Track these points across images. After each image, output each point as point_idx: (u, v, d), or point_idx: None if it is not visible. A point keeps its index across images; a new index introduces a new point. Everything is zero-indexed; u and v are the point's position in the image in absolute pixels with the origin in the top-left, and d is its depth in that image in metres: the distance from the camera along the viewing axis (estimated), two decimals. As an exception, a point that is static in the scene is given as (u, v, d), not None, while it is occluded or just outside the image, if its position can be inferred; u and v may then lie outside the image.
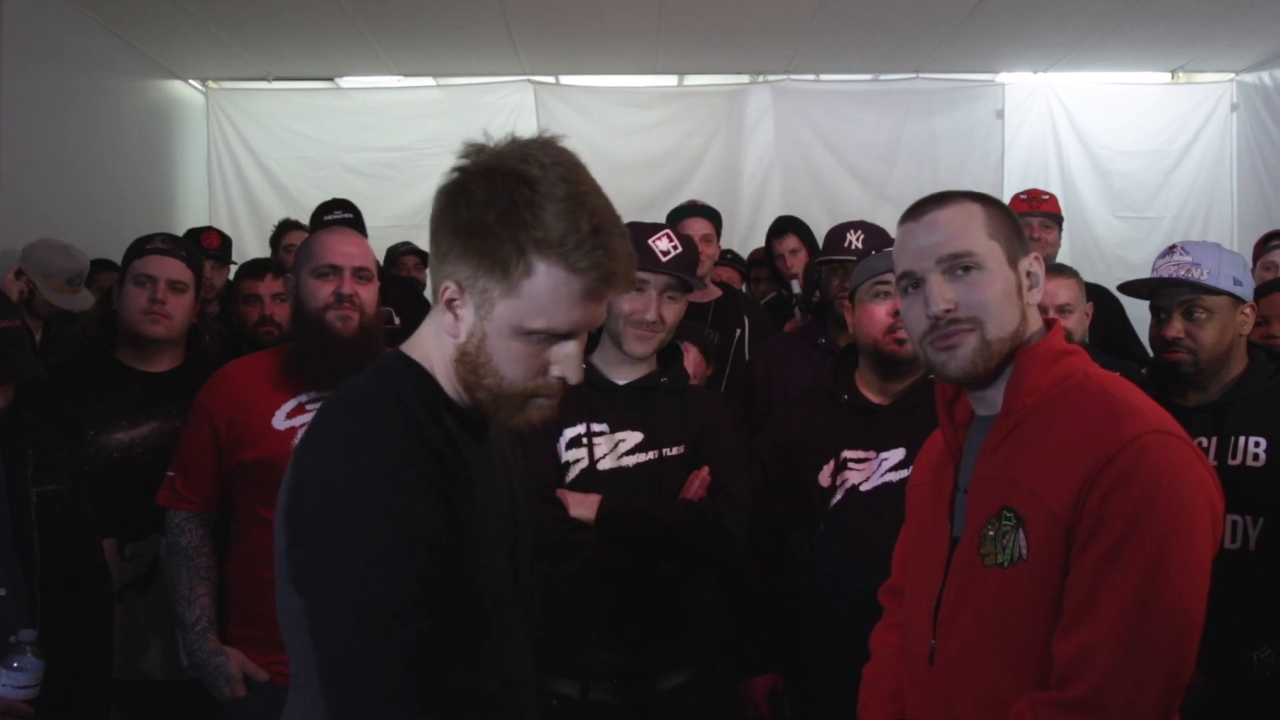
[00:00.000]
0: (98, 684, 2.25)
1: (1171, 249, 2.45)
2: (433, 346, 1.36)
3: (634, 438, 2.27)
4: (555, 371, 1.32)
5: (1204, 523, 1.32)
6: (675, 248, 2.26)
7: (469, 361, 1.31)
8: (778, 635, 2.40)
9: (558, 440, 2.26)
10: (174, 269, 2.67)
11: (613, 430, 2.27)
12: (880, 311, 2.30)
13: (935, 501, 1.58)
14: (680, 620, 2.24)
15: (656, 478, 2.24)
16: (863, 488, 2.28)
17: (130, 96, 5.33)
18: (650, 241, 2.25)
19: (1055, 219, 3.87)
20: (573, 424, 2.27)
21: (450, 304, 1.31)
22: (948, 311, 1.45)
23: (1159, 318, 2.43)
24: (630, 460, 2.26)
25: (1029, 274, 1.49)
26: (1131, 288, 2.56)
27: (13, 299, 3.26)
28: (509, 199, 1.28)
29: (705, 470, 2.25)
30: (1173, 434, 1.34)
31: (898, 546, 1.76)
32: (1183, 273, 2.36)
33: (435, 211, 1.38)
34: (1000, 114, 5.95)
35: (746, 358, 3.54)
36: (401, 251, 4.98)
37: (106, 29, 4.95)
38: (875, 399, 2.35)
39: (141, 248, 2.73)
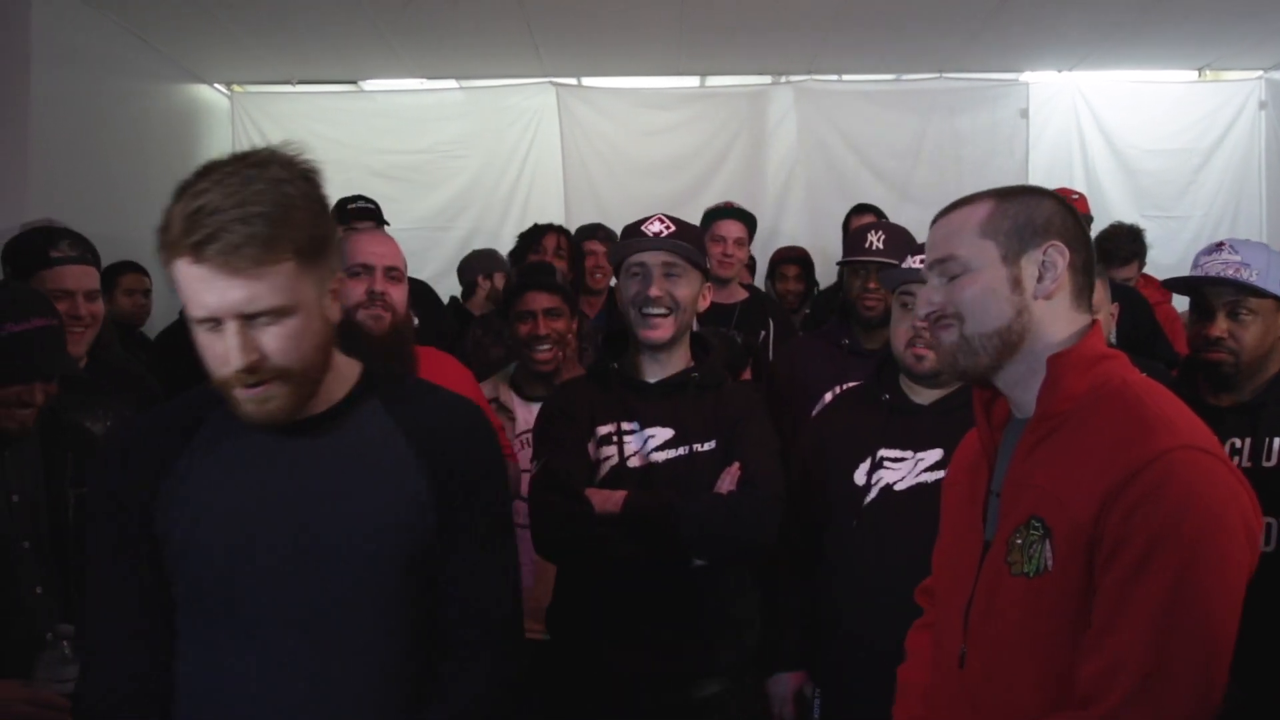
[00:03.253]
0: None
1: (1218, 246, 2.40)
2: None
3: (664, 434, 2.26)
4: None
5: (1236, 539, 1.28)
6: (667, 227, 2.27)
7: None
8: (807, 632, 2.39)
9: (589, 439, 2.26)
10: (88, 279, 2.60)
11: (643, 427, 2.26)
12: (903, 326, 2.30)
13: (968, 504, 1.56)
14: (715, 623, 2.22)
15: (687, 474, 2.23)
16: (897, 487, 2.27)
17: (156, 100, 5.37)
18: (642, 226, 2.28)
19: (1084, 219, 3.84)
20: (603, 422, 2.27)
21: None
22: (930, 314, 1.48)
23: (1201, 315, 2.39)
24: (660, 456, 2.25)
25: (1043, 262, 1.45)
26: (1175, 284, 2.53)
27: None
28: None
29: (736, 465, 2.23)
30: (1204, 449, 1.30)
31: (936, 547, 1.74)
32: (1231, 272, 2.32)
33: None
34: (1024, 113, 5.90)
35: (771, 359, 3.53)
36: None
37: (132, 34, 4.99)
38: (917, 399, 2.34)
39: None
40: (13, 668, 1.93)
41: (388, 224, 4.43)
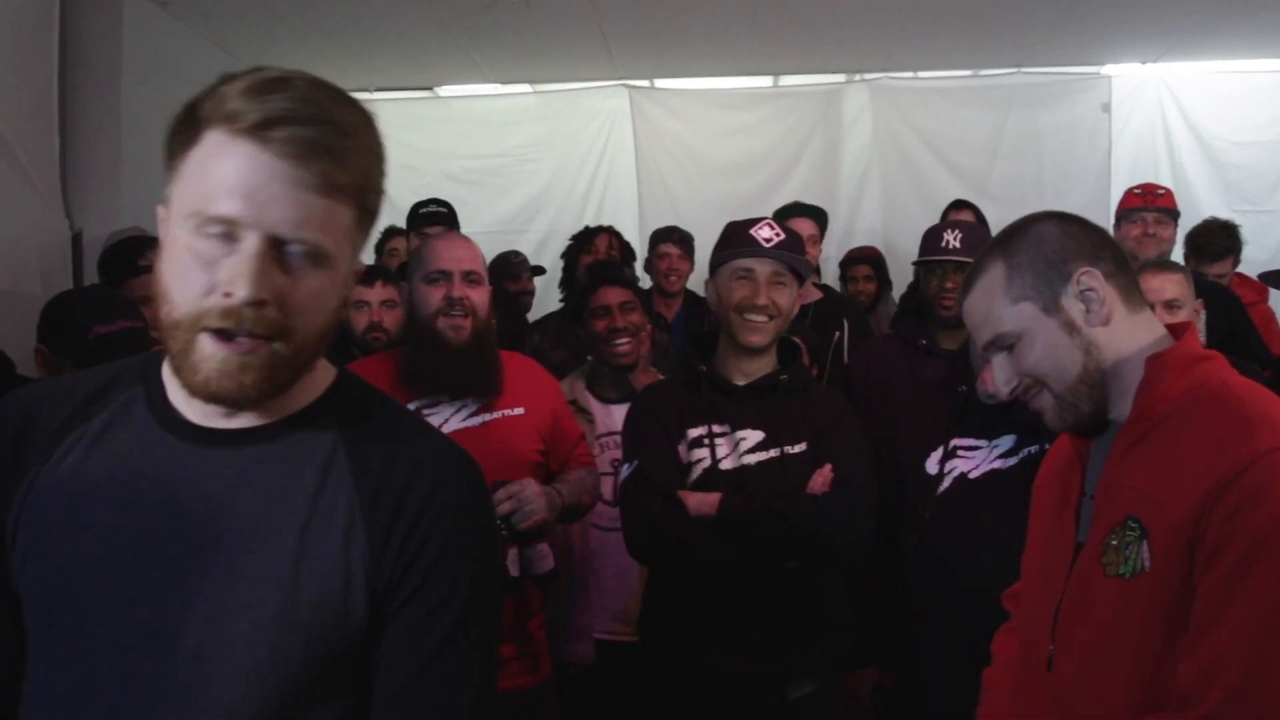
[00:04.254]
0: None
1: None
2: None
3: (755, 436, 2.27)
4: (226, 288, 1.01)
5: None
6: (778, 235, 2.28)
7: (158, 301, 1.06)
8: (882, 626, 2.37)
9: (680, 442, 2.27)
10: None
11: (734, 430, 2.27)
12: None
13: (1060, 506, 1.54)
14: (808, 625, 2.22)
15: (779, 475, 2.23)
16: (971, 475, 2.25)
17: (239, 110, 5.50)
18: (752, 231, 2.28)
19: (1171, 214, 3.75)
20: (694, 425, 2.28)
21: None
22: (1013, 390, 1.49)
23: None
24: (752, 459, 2.25)
25: (1083, 294, 1.43)
26: (1272, 278, 2.47)
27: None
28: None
29: (828, 467, 2.22)
30: None
31: (1025, 552, 1.72)
32: None
33: None
34: (1107, 107, 5.75)
35: (845, 360, 3.50)
36: (515, 260, 5.02)
37: (217, 46, 5.13)
38: None
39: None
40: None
41: (460, 228, 4.48)
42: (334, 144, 1.03)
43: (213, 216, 1.00)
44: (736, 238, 2.32)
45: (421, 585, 1.08)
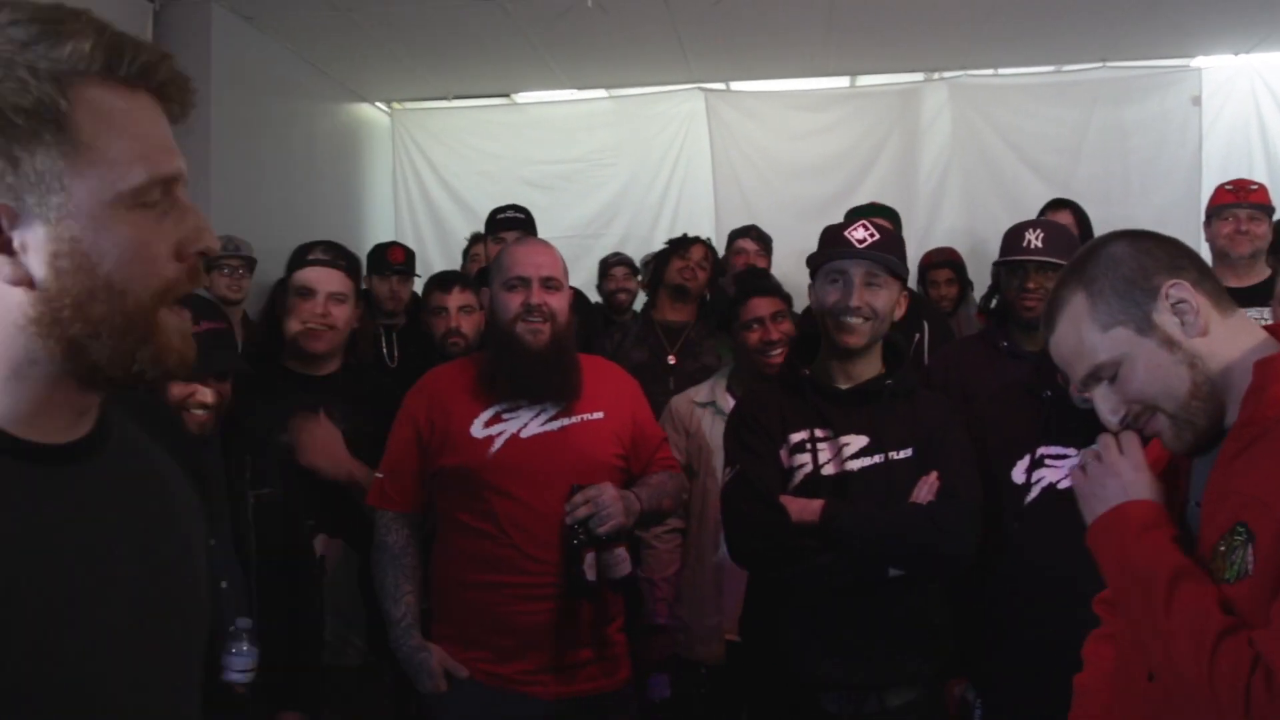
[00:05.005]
0: (310, 675, 2.36)
1: None
2: None
3: (859, 441, 2.24)
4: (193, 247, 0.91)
5: None
6: (872, 235, 2.25)
7: (69, 297, 0.85)
8: (966, 636, 2.33)
9: (782, 446, 2.26)
10: (334, 280, 2.76)
11: (837, 434, 2.24)
12: None
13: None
14: (910, 632, 2.19)
15: (883, 482, 2.20)
16: (1060, 485, 2.19)
17: (322, 120, 5.64)
18: (846, 232, 2.26)
19: (1265, 210, 3.62)
20: (796, 429, 2.26)
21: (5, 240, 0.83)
22: (1123, 419, 1.44)
23: None
24: (855, 464, 2.23)
25: (1175, 306, 1.38)
26: None
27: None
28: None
29: (934, 475, 2.19)
30: None
31: None
32: None
33: None
34: (1197, 100, 5.58)
35: (925, 362, 3.45)
36: (612, 262, 5.06)
37: (301, 58, 5.25)
38: None
39: (303, 258, 2.82)
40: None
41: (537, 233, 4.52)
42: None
43: (163, 176, 0.88)
44: (830, 239, 2.30)
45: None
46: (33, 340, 0.85)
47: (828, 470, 2.23)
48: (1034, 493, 2.22)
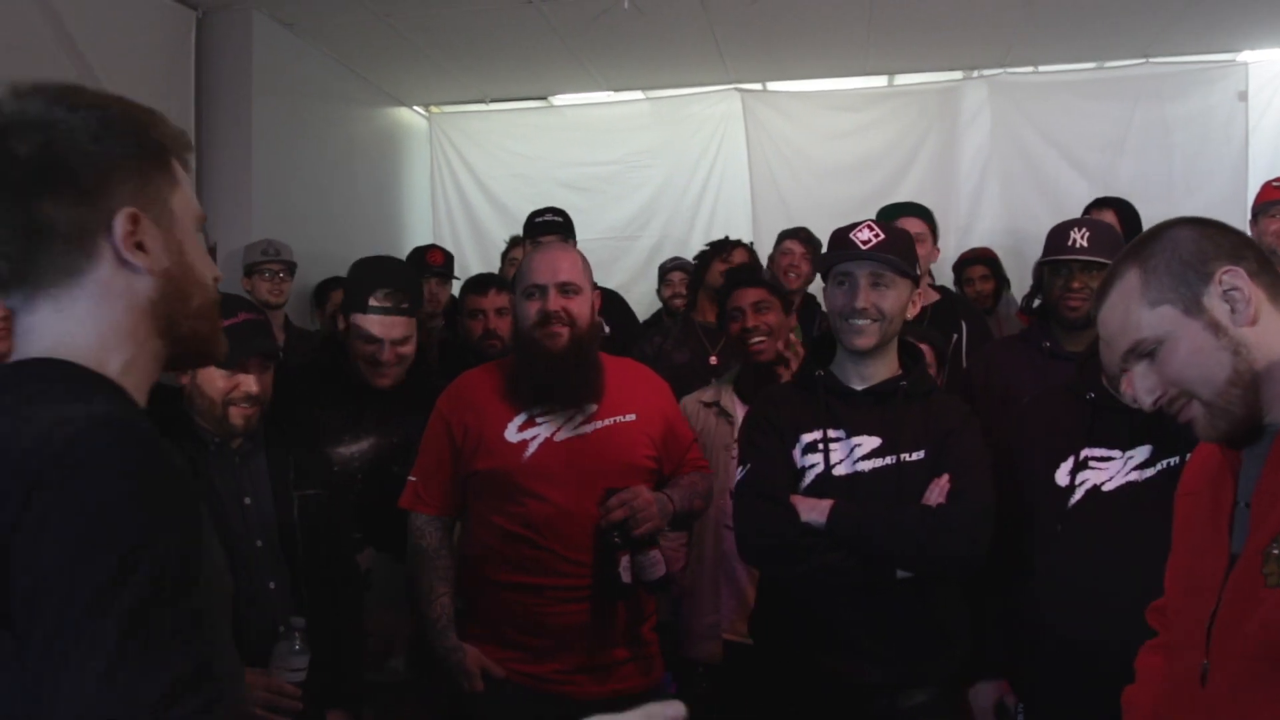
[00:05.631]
0: (354, 677, 2.38)
1: None
2: (98, 330, 1.08)
3: (871, 443, 2.23)
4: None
5: None
6: (877, 235, 2.22)
7: (178, 288, 1.13)
8: (1007, 639, 2.31)
9: (794, 446, 2.25)
10: (397, 328, 2.72)
11: (850, 435, 2.24)
12: None
13: (1212, 515, 1.47)
14: (922, 633, 2.18)
15: (895, 483, 2.19)
16: (1105, 487, 2.16)
17: (361, 124, 5.69)
18: (851, 234, 2.24)
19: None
20: (809, 429, 2.26)
21: (135, 238, 1.09)
22: (1157, 400, 1.42)
23: None
24: (867, 465, 2.22)
25: (1227, 293, 1.36)
26: None
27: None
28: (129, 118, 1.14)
29: (946, 477, 2.17)
30: None
31: (1170, 562, 1.65)
32: None
33: (60, 156, 1.06)
34: (1243, 96, 5.48)
35: (964, 364, 3.42)
36: (669, 268, 5.07)
37: (340, 63, 5.31)
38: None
39: (363, 300, 2.71)
40: (250, 656, 2.07)
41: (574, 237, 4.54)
42: None
43: (202, 216, 1.21)
44: (837, 242, 2.30)
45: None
46: (148, 321, 1.11)
47: (839, 470, 2.22)
48: (1078, 495, 2.19)
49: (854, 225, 2.27)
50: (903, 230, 2.36)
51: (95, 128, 1.07)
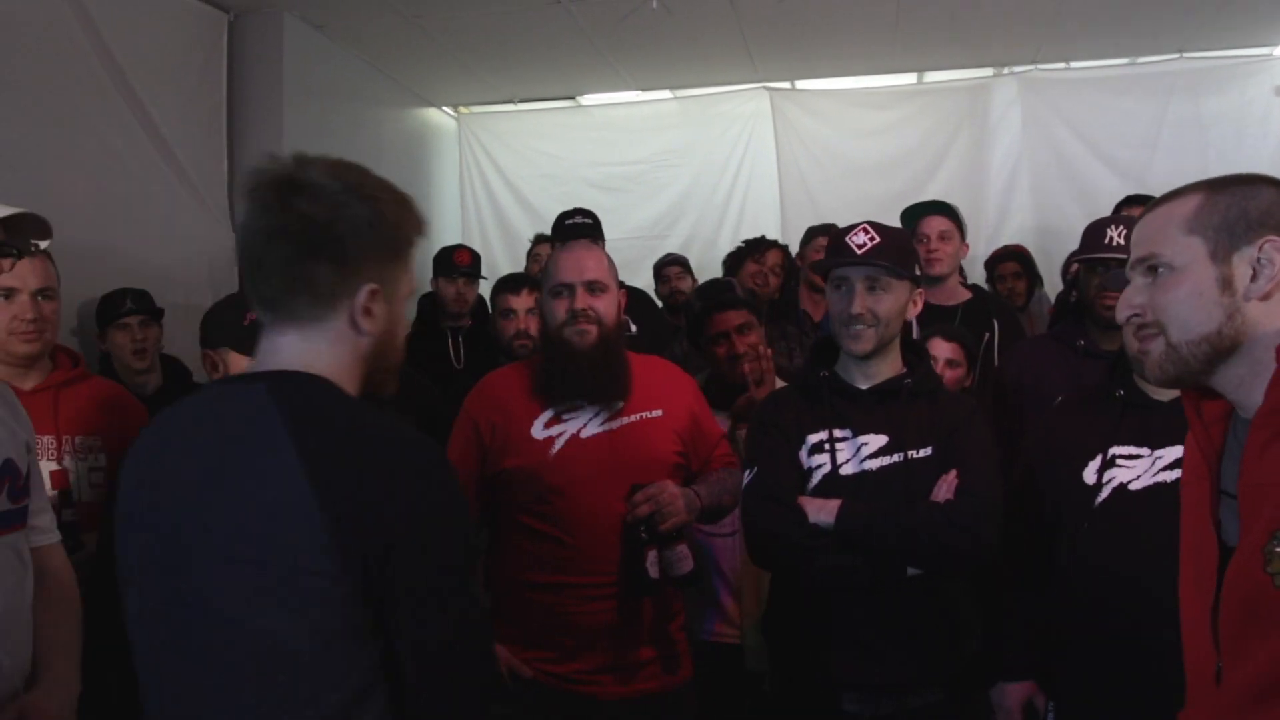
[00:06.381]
0: None
1: None
2: (331, 361, 1.37)
3: (878, 441, 2.22)
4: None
5: None
6: (872, 239, 2.21)
7: (385, 347, 1.42)
8: (1034, 641, 2.29)
9: (800, 447, 2.25)
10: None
11: (856, 434, 2.23)
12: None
13: (1199, 506, 1.45)
14: (932, 632, 2.17)
15: (902, 481, 2.18)
16: (1132, 486, 2.13)
17: (391, 125, 5.73)
18: (847, 238, 2.24)
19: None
20: (815, 430, 2.25)
21: (368, 307, 1.37)
22: (1132, 317, 1.39)
23: None
24: (874, 464, 2.21)
25: (1258, 260, 1.32)
26: None
27: None
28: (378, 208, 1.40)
29: (953, 473, 2.16)
30: None
31: (1181, 556, 1.63)
32: None
33: (340, 235, 1.33)
34: (1279, 91, 5.43)
35: (996, 362, 3.39)
36: (664, 263, 5.07)
37: (370, 64, 5.34)
38: (1156, 396, 2.19)
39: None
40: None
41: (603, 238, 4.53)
42: None
43: (415, 289, 1.48)
44: (833, 245, 2.30)
45: None
46: (360, 365, 1.39)
47: (846, 470, 2.21)
48: (1104, 493, 2.17)
49: (851, 228, 2.26)
50: (900, 231, 2.35)
51: (370, 218, 1.33)
